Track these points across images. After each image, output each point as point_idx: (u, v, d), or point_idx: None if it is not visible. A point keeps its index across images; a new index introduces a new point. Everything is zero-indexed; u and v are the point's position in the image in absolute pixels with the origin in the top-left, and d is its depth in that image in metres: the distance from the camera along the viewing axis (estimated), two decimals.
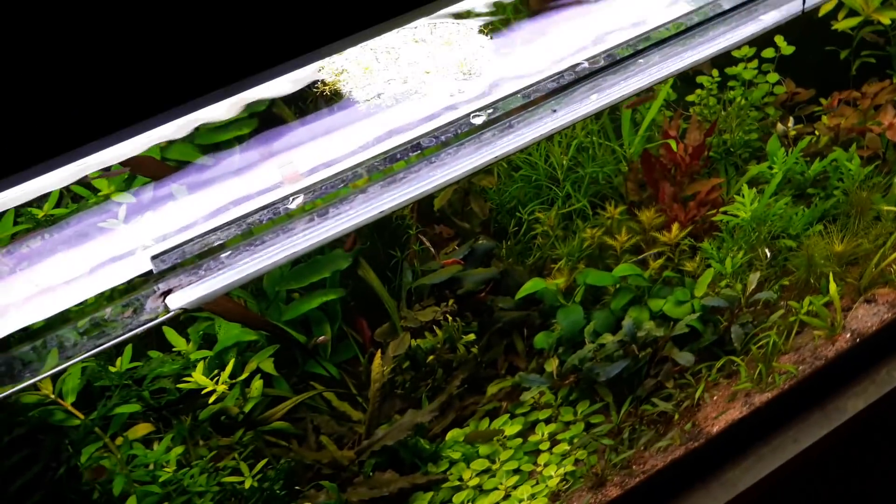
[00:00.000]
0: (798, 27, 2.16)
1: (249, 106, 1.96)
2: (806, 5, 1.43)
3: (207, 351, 1.83)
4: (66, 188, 1.87)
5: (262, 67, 1.21)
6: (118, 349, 1.79)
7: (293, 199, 1.20)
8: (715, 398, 2.07)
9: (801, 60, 2.24)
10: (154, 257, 1.16)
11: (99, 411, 1.64)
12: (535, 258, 2.12)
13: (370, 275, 2.02)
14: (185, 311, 1.13)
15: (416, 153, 1.25)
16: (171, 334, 1.84)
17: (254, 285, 2.07)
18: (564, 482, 1.90)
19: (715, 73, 2.22)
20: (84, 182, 1.86)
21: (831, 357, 2.13)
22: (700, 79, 2.23)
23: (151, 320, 1.12)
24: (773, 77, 2.23)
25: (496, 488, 1.90)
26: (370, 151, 1.26)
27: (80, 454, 1.63)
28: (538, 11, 1.60)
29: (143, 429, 1.83)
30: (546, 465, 1.95)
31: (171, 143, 1.96)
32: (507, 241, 2.14)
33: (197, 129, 1.95)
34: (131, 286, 1.12)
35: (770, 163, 2.12)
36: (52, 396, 1.61)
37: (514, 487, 1.89)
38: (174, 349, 1.81)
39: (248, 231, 1.16)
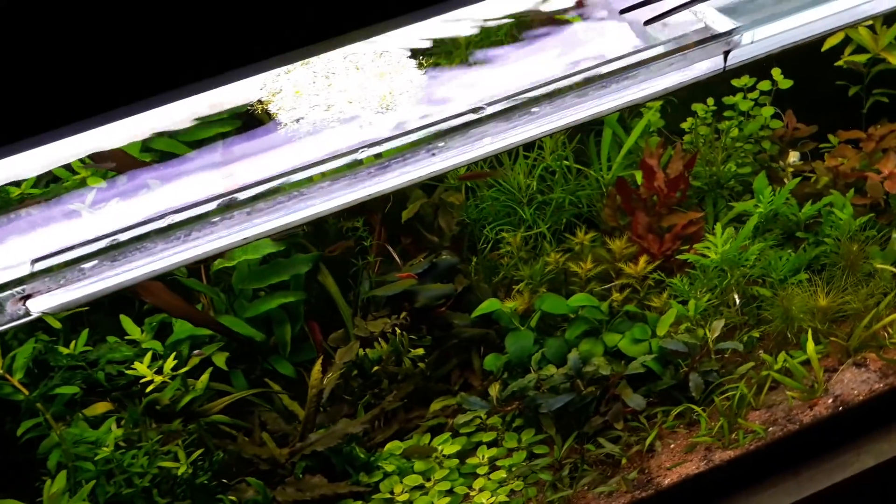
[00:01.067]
0: (806, 61, 2.02)
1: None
2: (727, 63, 1.34)
3: (157, 342, 1.93)
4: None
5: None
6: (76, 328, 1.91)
7: (168, 219, 1.25)
8: (672, 447, 1.96)
9: (809, 95, 2.09)
10: (35, 261, 1.24)
11: (40, 389, 1.76)
12: (500, 277, 2.09)
13: (329, 281, 2.06)
14: (44, 313, 1.20)
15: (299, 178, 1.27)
16: (126, 323, 1.94)
17: (224, 281, 2.16)
18: None
19: (710, 101, 2.10)
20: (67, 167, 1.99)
21: (807, 422, 1.96)
22: (695, 106, 2.12)
23: (13, 321, 1.20)
24: (769, 110, 2.09)
25: None
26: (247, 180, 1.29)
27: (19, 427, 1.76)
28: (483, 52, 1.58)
29: (101, 407, 1.95)
30: (481, 490, 1.94)
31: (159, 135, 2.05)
32: (476, 257, 2.12)
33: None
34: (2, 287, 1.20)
35: (756, 200, 1.99)
36: (1, 371, 1.74)
37: None
38: (127, 337, 1.92)
39: (113, 246, 1.22)
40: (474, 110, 1.31)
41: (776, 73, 2.06)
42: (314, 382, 1.93)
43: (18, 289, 1.19)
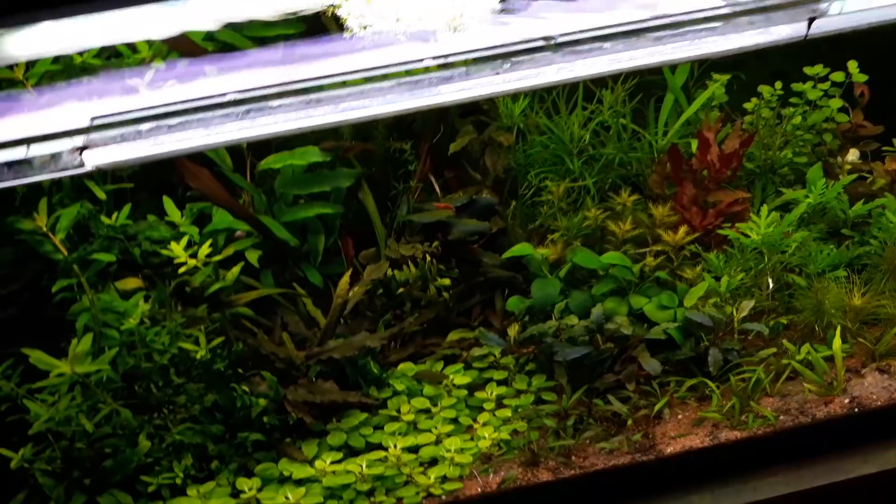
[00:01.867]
0: (886, 58, 1.97)
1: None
2: (809, 31, 1.31)
3: (195, 228, 1.98)
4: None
5: None
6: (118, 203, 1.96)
7: (228, 97, 1.28)
8: (679, 417, 1.96)
9: (882, 94, 2.04)
10: (94, 117, 1.28)
11: (79, 252, 1.82)
12: (537, 224, 2.10)
13: (369, 199, 2.09)
14: (98, 168, 1.24)
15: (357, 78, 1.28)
16: (168, 205, 1.99)
17: (267, 184, 2.20)
18: (498, 448, 1.90)
19: (778, 84, 2.07)
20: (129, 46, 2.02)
21: (820, 418, 1.95)
22: (761, 87, 2.09)
23: (66, 170, 1.24)
24: (837, 103, 2.05)
25: (429, 430, 1.94)
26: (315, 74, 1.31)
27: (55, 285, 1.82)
28: None
29: (132, 282, 2.01)
30: (485, 424, 1.96)
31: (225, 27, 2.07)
32: (516, 201, 2.13)
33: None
34: (57, 134, 1.24)
35: (807, 191, 1.97)
36: (45, 229, 1.80)
37: (447, 436, 1.92)
38: (166, 218, 1.97)
39: (173, 113, 1.25)
40: (545, 38, 1.31)
41: (852, 65, 2.02)
42: (340, 292, 1.97)
43: (77, 139, 1.22)
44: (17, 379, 1.78)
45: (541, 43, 1.32)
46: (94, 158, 1.24)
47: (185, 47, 1.93)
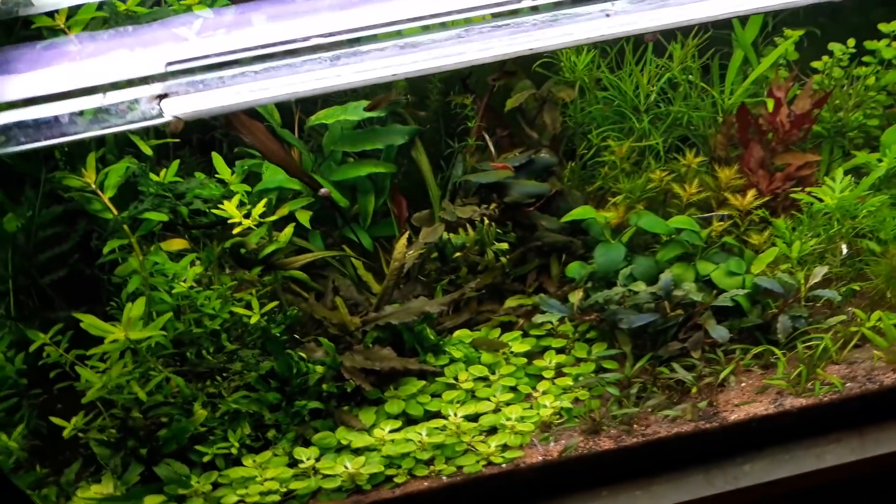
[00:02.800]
0: None
1: None
2: None
3: (247, 186, 1.89)
4: None
5: None
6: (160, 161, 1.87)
7: (310, 40, 1.19)
8: (743, 385, 1.93)
9: None
10: (169, 63, 1.18)
11: (129, 211, 1.73)
12: (596, 186, 2.02)
13: (422, 158, 2.00)
14: (178, 118, 1.15)
15: (445, 23, 1.20)
16: (218, 162, 1.90)
17: (315, 140, 2.10)
18: (558, 416, 1.85)
19: (851, 41, 1.99)
20: None
21: (888, 384, 1.92)
22: (832, 45, 2.01)
23: (145, 119, 1.15)
24: None
25: (488, 399, 1.88)
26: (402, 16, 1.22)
27: (105, 244, 1.74)
28: None
29: (177, 244, 1.92)
30: (544, 392, 1.91)
31: None
32: (574, 161, 2.05)
33: None
34: (135, 82, 1.15)
35: (881, 154, 1.90)
36: (94, 186, 1.71)
37: (507, 404, 1.87)
38: (217, 175, 1.88)
39: (258, 59, 1.16)
40: None
41: None
42: (398, 256, 1.89)
43: (156, 87, 1.14)
44: (66, 344, 1.71)
45: None
46: (174, 107, 1.15)
47: None
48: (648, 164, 1.97)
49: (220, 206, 1.84)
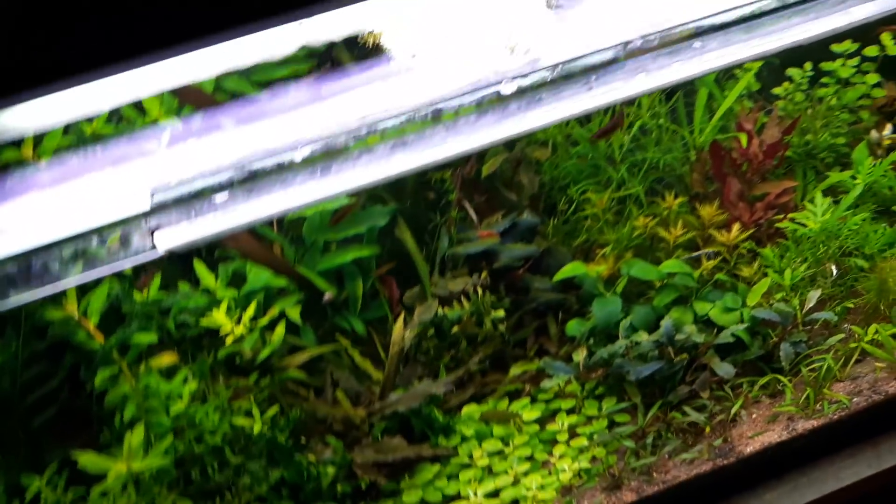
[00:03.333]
0: None
1: (304, 47, 1.94)
2: None
3: (234, 290, 1.84)
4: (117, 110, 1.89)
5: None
6: (136, 274, 1.81)
7: (300, 150, 1.16)
8: (754, 416, 1.93)
9: None
10: (153, 192, 1.14)
11: (118, 336, 1.67)
12: (581, 240, 2.02)
13: (406, 236, 1.98)
14: (171, 252, 1.11)
15: (433, 117, 1.18)
16: (200, 269, 1.85)
17: (294, 231, 2.07)
18: (578, 478, 1.82)
19: (808, 66, 2.03)
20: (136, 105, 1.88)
21: (892, 393, 1.94)
22: (790, 70, 2.05)
23: (138, 254, 1.11)
24: (873, 78, 2.02)
25: (506, 472, 1.84)
26: (387, 111, 1.20)
27: (95, 375, 1.67)
28: None
29: (166, 359, 1.86)
30: (561, 456, 1.88)
31: (227, 73, 1.95)
32: (555, 218, 2.05)
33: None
34: (125, 219, 1.11)
35: (854, 172, 1.93)
36: (76, 316, 1.65)
37: (525, 475, 1.83)
38: (201, 285, 1.82)
39: (249, 177, 1.13)
40: (625, 44, 1.23)
41: (886, 37, 1.99)
42: (396, 339, 1.85)
43: (148, 219, 1.10)
44: (63, 485, 1.62)
45: (619, 52, 1.23)
46: (168, 240, 1.11)
47: (195, 99, 1.80)
48: (630, 211, 1.97)
49: (208, 315, 1.79)
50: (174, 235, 1.12)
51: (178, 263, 1.94)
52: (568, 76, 1.19)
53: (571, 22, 1.38)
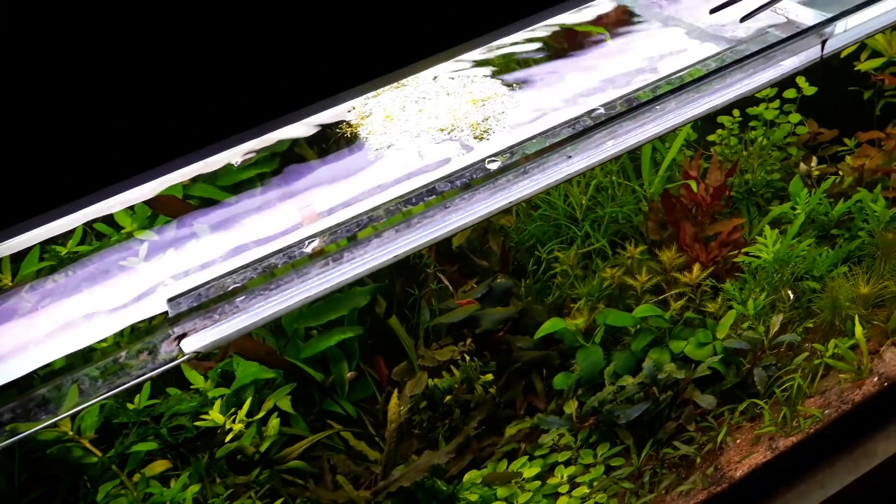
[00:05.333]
0: (820, 68, 2.16)
1: (269, 147, 2.00)
2: (824, 52, 1.42)
3: (225, 389, 1.84)
4: (90, 225, 1.90)
5: (294, 107, 1.22)
6: (137, 385, 1.80)
7: (309, 244, 1.21)
8: (738, 441, 2.03)
9: (825, 101, 2.23)
10: (170, 300, 1.17)
11: (116, 449, 1.65)
12: (554, 297, 2.11)
13: (388, 313, 2.02)
14: (199, 353, 1.14)
15: (431, 198, 1.25)
16: (188, 372, 1.85)
17: (272, 322, 2.08)
18: None
19: (736, 112, 2.21)
20: (107, 219, 1.90)
21: (858, 401, 2.08)
22: (721, 118, 2.22)
23: (167, 363, 1.13)
24: (796, 117, 2.21)
25: None
26: (385, 196, 1.28)
27: (97, 492, 1.64)
28: (555, 55, 1.62)
29: (160, 466, 1.83)
30: None
31: (193, 180, 1.99)
32: (526, 279, 2.13)
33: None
34: (147, 328, 1.13)
35: (793, 203, 2.10)
36: (71, 434, 1.62)
37: None
38: (192, 386, 1.82)
39: (264, 275, 1.17)
40: (589, 113, 1.34)
41: (801, 80, 2.18)
42: (392, 417, 1.88)
43: (175, 328, 1.12)
44: None
45: (590, 120, 1.34)
46: (193, 344, 1.14)
47: (171, 207, 1.83)
48: (597, 264, 2.07)
49: (201, 417, 1.79)
50: (199, 339, 1.14)
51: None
52: (550, 148, 1.28)
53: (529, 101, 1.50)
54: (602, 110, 1.35)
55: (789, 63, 1.41)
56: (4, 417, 1.11)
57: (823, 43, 1.41)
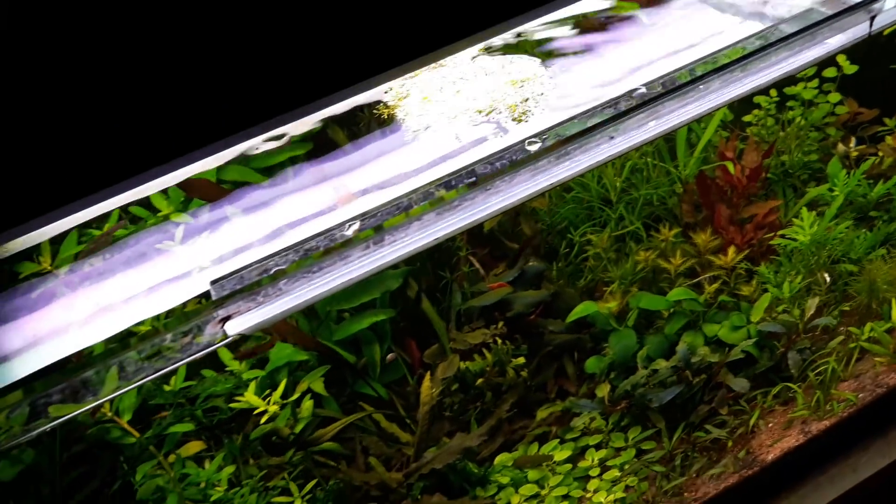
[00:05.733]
0: (863, 46, 2.11)
1: (305, 131, 1.99)
2: (872, 28, 1.39)
3: (259, 371, 1.85)
4: (125, 208, 1.91)
5: (333, 90, 1.21)
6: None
7: (350, 226, 1.20)
8: (770, 425, 2.02)
9: (866, 80, 2.18)
10: (213, 282, 1.17)
11: (154, 430, 1.67)
12: (586, 280, 2.09)
13: (420, 296, 2.02)
14: (242, 336, 1.14)
15: (470, 180, 1.24)
16: (223, 353, 1.86)
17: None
18: None
19: (773, 92, 2.17)
20: (143, 202, 1.90)
21: (893, 385, 2.06)
22: (758, 98, 2.19)
23: (211, 345, 1.13)
24: (835, 97, 2.17)
25: None
26: (423, 179, 1.27)
27: (135, 472, 1.65)
28: (592, 35, 1.60)
29: (194, 447, 1.85)
30: (596, 491, 1.92)
31: (227, 163, 1.99)
32: (558, 262, 2.12)
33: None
34: (191, 311, 1.13)
35: (830, 185, 2.06)
36: (109, 415, 1.64)
37: None
38: (227, 368, 1.83)
39: (306, 257, 1.17)
40: (630, 93, 1.32)
41: (841, 59, 2.14)
42: (425, 399, 1.88)
43: (219, 311, 1.12)
44: None
45: (632, 101, 1.32)
46: (237, 327, 1.14)
47: (202, 188, 1.83)
48: (630, 248, 2.06)
49: (235, 398, 1.80)
50: (243, 322, 1.14)
51: None
52: (592, 129, 1.27)
53: (568, 82, 1.47)
54: (644, 90, 1.33)
55: (836, 41, 1.38)
56: (50, 399, 1.12)
57: (872, 19, 1.38)
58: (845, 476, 2.02)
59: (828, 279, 2.02)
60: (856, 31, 1.40)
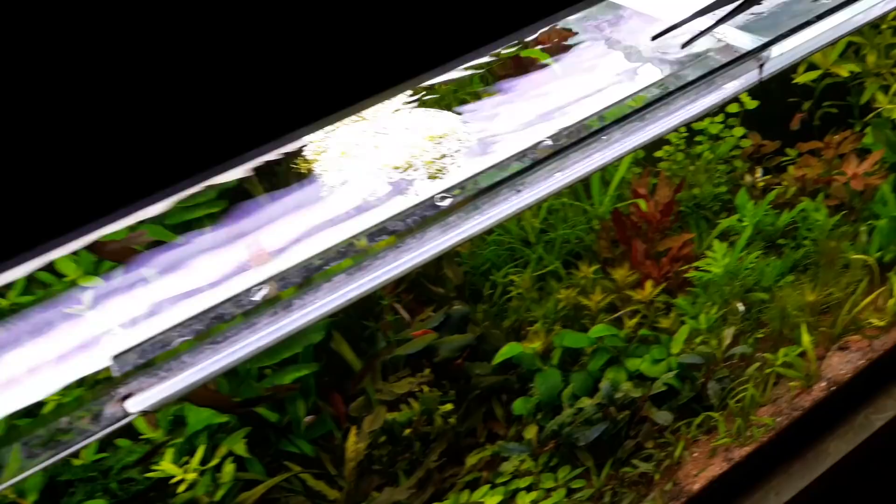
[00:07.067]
0: (761, 83, 2.20)
1: (219, 185, 1.95)
2: (762, 75, 1.44)
3: (177, 437, 1.78)
4: (31, 275, 1.83)
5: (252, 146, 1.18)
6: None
7: (258, 291, 1.17)
8: (695, 455, 2.05)
9: (766, 113, 2.27)
10: (115, 357, 1.12)
11: None
12: (511, 321, 2.09)
13: (343, 347, 1.99)
14: (145, 412, 1.09)
15: (381, 238, 1.23)
16: (138, 420, 1.78)
17: None
18: None
19: (682, 128, 2.23)
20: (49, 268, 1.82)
21: (808, 407, 2.12)
22: (667, 135, 2.24)
23: (111, 424, 1.08)
24: (739, 131, 2.25)
25: None
26: (337, 236, 1.24)
27: None
28: (504, 84, 1.61)
29: None
30: None
31: (140, 223, 1.93)
32: (483, 304, 2.12)
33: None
34: (91, 391, 1.08)
35: (740, 215, 2.12)
36: (12, 497, 1.55)
37: None
38: (141, 436, 1.76)
39: (210, 328, 1.13)
40: (536, 145, 1.34)
41: (743, 95, 2.22)
42: (351, 455, 1.84)
43: (119, 389, 1.07)
44: None
45: (538, 153, 1.34)
46: (139, 404, 1.09)
47: (114, 253, 1.76)
48: (552, 286, 2.07)
49: (151, 467, 1.72)
50: (144, 399, 1.09)
51: None
52: (499, 183, 1.27)
53: (482, 132, 1.48)
54: (550, 142, 1.35)
55: (730, 87, 1.43)
56: None
57: (761, 66, 1.43)
58: (769, 499, 2.06)
59: (742, 308, 2.07)
60: (747, 77, 1.44)
